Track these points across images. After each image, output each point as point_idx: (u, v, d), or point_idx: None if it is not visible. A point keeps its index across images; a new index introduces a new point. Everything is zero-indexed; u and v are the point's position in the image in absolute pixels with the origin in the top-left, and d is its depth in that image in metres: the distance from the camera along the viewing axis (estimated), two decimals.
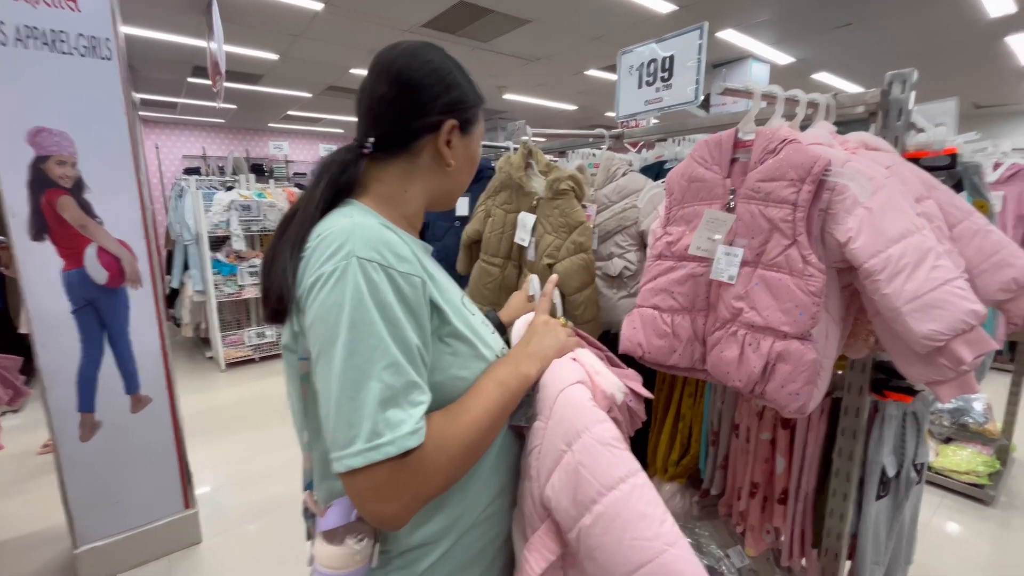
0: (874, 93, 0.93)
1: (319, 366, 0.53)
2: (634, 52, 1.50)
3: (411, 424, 0.51)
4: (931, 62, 5.13)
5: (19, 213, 1.61)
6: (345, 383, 0.50)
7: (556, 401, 0.62)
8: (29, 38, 1.56)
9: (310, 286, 0.54)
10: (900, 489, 1.19)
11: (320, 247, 0.55)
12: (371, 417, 0.50)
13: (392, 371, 0.51)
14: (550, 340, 0.70)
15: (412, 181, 0.67)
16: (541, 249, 1.35)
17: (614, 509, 0.54)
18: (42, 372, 1.70)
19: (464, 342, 0.62)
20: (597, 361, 0.69)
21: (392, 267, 0.54)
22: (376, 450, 0.49)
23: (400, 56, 0.65)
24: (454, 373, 0.61)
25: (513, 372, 0.64)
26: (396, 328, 0.53)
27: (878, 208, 0.71)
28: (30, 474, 2.59)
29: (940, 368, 0.71)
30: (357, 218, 0.58)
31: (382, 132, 0.65)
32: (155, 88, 6.26)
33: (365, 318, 0.51)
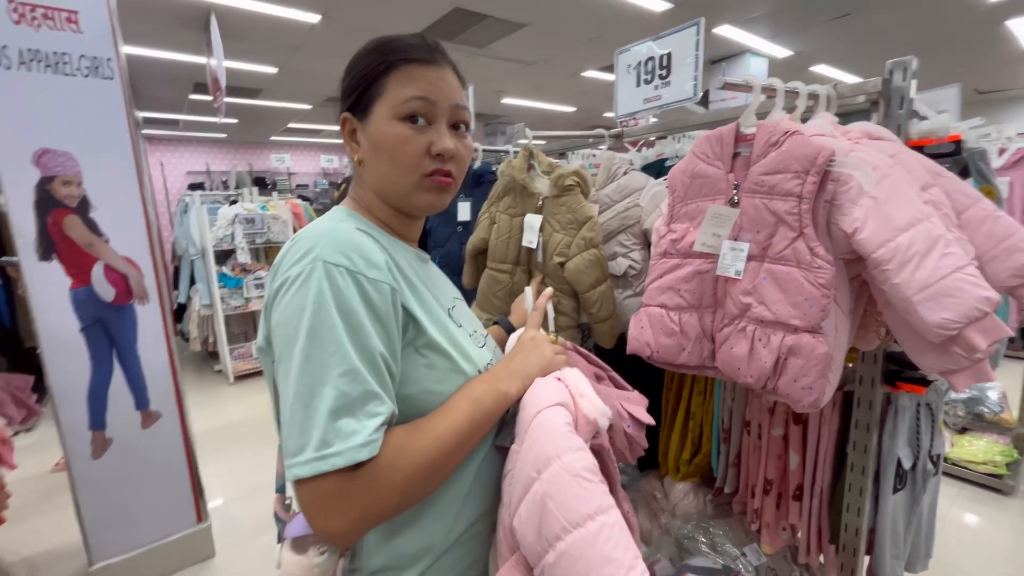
0: (875, 82, 0.92)
1: (279, 370, 0.52)
2: (631, 51, 1.50)
3: (363, 436, 0.48)
4: (931, 50, 5.11)
5: (26, 233, 1.63)
6: (300, 388, 0.49)
7: (531, 424, 0.58)
8: (32, 61, 1.58)
9: (276, 289, 0.53)
10: (917, 481, 1.18)
11: (291, 250, 0.54)
12: (322, 425, 0.48)
13: (349, 379, 0.49)
14: (535, 357, 0.66)
15: (363, 185, 0.65)
16: (551, 248, 1.34)
17: (577, 549, 0.49)
18: (53, 391, 1.71)
19: (441, 354, 0.59)
20: (584, 382, 0.64)
21: (360, 272, 0.52)
22: (323, 460, 0.47)
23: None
24: (428, 387, 0.58)
25: (490, 389, 0.60)
26: (359, 335, 0.50)
27: (884, 197, 0.70)
28: (45, 493, 2.61)
29: (954, 357, 0.70)
30: (333, 222, 0.57)
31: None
32: (158, 106, 6.34)
33: (325, 323, 0.49)
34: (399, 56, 0.59)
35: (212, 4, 3.51)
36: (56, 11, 1.59)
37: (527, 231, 1.38)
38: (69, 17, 1.61)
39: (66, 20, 1.61)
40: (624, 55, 1.52)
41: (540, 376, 0.65)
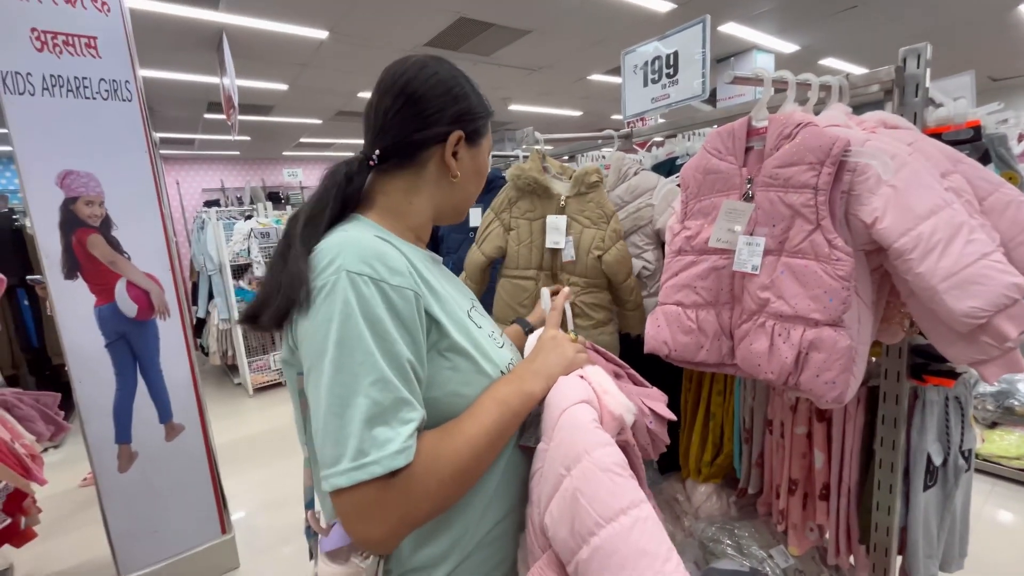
0: (888, 70, 0.91)
1: (309, 382, 0.52)
2: (637, 51, 1.50)
3: (399, 443, 0.49)
4: (942, 38, 5.02)
5: (52, 254, 1.67)
6: (332, 399, 0.49)
7: (558, 422, 0.58)
8: (55, 86, 1.63)
9: (302, 301, 0.53)
10: (949, 477, 1.14)
11: (312, 262, 0.55)
12: (357, 435, 0.48)
13: (380, 387, 0.50)
14: (556, 356, 0.67)
15: (418, 193, 0.67)
16: (585, 244, 1.35)
17: (611, 544, 0.49)
18: (80, 406, 1.75)
19: (465, 357, 0.60)
20: (607, 379, 0.65)
21: (384, 280, 0.53)
22: (361, 469, 0.48)
23: (407, 70, 0.65)
24: (453, 389, 0.59)
25: (515, 390, 0.61)
26: (386, 342, 0.51)
27: (903, 185, 0.69)
28: (73, 508, 2.66)
29: (983, 347, 0.68)
30: (352, 232, 0.57)
31: (387, 144, 0.65)
32: (173, 126, 6.50)
33: (353, 333, 0.50)
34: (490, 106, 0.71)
35: (224, 25, 3.60)
36: (76, 38, 1.65)
37: (551, 232, 1.37)
38: (88, 43, 1.67)
39: (85, 46, 1.66)
40: (630, 56, 1.52)
41: (563, 375, 0.65)
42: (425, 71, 0.65)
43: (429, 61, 0.66)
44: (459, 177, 0.67)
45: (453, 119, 0.65)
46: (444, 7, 3.71)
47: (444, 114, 0.64)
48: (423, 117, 0.64)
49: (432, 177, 0.67)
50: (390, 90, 0.64)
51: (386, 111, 0.64)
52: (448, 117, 0.65)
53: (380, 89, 0.65)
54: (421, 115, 0.64)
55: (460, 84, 0.66)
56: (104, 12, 1.69)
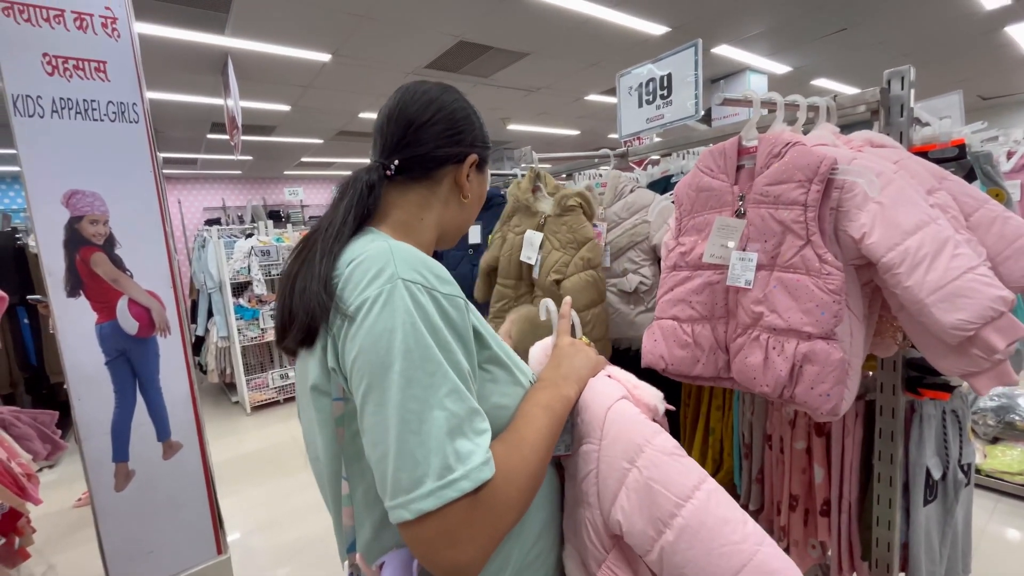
0: (873, 92, 0.94)
1: (369, 401, 0.47)
2: (632, 74, 1.55)
3: (482, 454, 0.47)
4: (931, 58, 5.14)
5: (55, 272, 1.69)
6: (406, 415, 0.45)
7: (606, 419, 0.59)
8: (64, 109, 1.67)
9: (352, 314, 0.50)
10: (949, 492, 1.14)
11: (357, 272, 0.52)
12: (440, 450, 0.45)
13: (455, 398, 0.47)
14: (580, 360, 0.67)
15: (429, 209, 0.67)
16: (548, 266, 1.36)
17: (696, 519, 0.51)
18: (78, 424, 1.74)
19: (502, 367, 0.60)
20: (631, 376, 0.67)
21: (436, 289, 0.51)
22: (450, 487, 0.44)
23: (431, 89, 0.66)
24: (496, 401, 0.57)
25: (555, 395, 0.61)
26: (449, 352, 0.49)
27: (890, 202, 0.71)
28: (68, 528, 2.62)
29: (973, 359, 0.69)
30: (391, 242, 0.55)
31: (410, 155, 0.64)
32: (176, 146, 6.59)
33: (420, 342, 0.47)
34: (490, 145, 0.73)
35: (229, 48, 3.69)
36: (86, 62, 1.70)
37: (526, 247, 1.41)
38: (98, 67, 1.71)
39: (95, 70, 1.71)
40: (625, 78, 1.57)
41: (591, 377, 0.67)
42: (449, 94, 0.67)
43: (449, 87, 0.68)
44: (469, 199, 0.69)
45: (472, 142, 0.67)
46: (444, 31, 3.80)
47: (465, 136, 0.66)
48: (448, 135, 0.65)
49: (443, 195, 0.67)
50: (416, 103, 0.64)
51: (409, 123, 0.64)
52: (468, 139, 0.67)
53: (402, 103, 0.65)
54: (447, 133, 0.65)
55: (476, 112, 0.69)
56: (114, 37, 1.74)
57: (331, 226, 0.59)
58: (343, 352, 0.50)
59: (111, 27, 1.73)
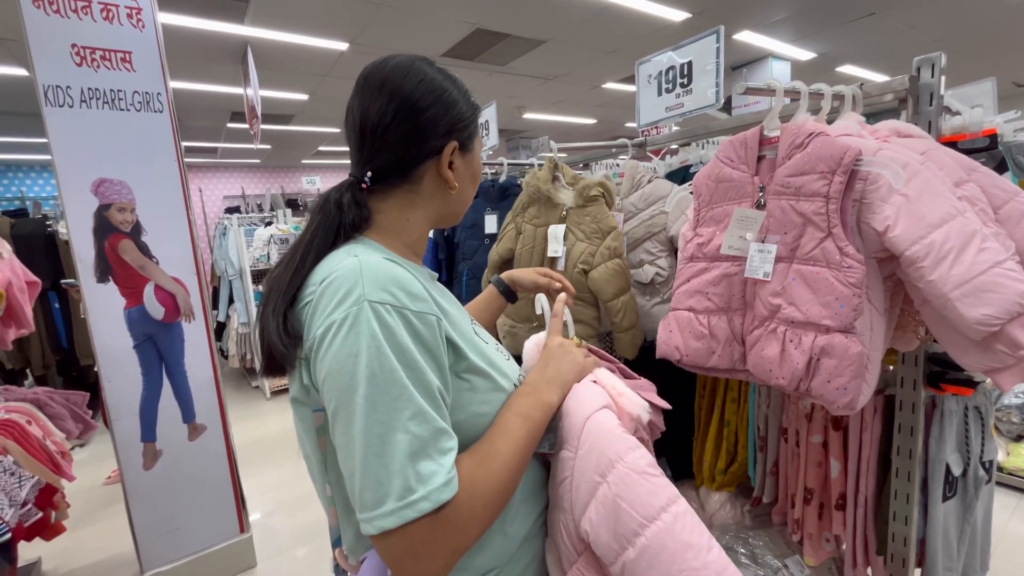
0: (902, 79, 0.92)
1: (338, 422, 0.49)
2: (652, 61, 1.52)
3: (443, 475, 0.48)
4: (963, 44, 4.94)
5: (86, 258, 1.75)
6: (369, 439, 0.47)
7: (584, 429, 0.59)
8: (92, 99, 1.72)
9: (320, 337, 0.50)
10: (968, 489, 1.12)
11: (327, 293, 0.51)
12: (401, 472, 0.46)
13: (418, 420, 0.48)
14: (567, 364, 0.66)
15: (414, 208, 0.64)
16: (574, 257, 1.36)
17: (658, 541, 0.51)
18: (108, 405, 1.81)
19: (481, 375, 0.59)
20: (618, 381, 0.67)
21: (406, 307, 0.51)
22: (410, 507, 0.46)
23: (392, 75, 0.60)
24: (474, 410, 0.57)
25: (535, 402, 0.61)
26: (417, 372, 0.49)
27: (915, 194, 0.70)
28: (99, 504, 2.74)
29: (998, 355, 0.68)
30: (363, 256, 0.54)
31: (380, 164, 0.61)
32: (197, 135, 6.69)
33: (385, 366, 0.48)
34: (475, 102, 0.67)
35: (248, 38, 3.72)
36: (113, 53, 1.73)
37: (551, 241, 1.40)
38: (124, 57, 1.75)
39: (121, 60, 1.75)
40: (645, 65, 1.54)
41: (576, 382, 0.66)
42: (412, 77, 0.60)
43: (412, 64, 0.61)
44: (457, 188, 0.65)
45: (446, 130, 0.61)
46: (461, 18, 3.78)
47: (437, 126, 0.61)
48: (418, 131, 0.60)
49: (428, 192, 0.64)
50: (376, 99, 0.60)
51: (375, 127, 0.60)
52: (442, 128, 0.61)
53: (366, 97, 0.61)
54: (415, 129, 0.60)
55: (447, 88, 0.62)
56: (139, 28, 1.77)
57: (291, 259, 0.58)
58: (315, 371, 0.52)
59: (136, 18, 1.76)
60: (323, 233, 0.59)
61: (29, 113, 4.95)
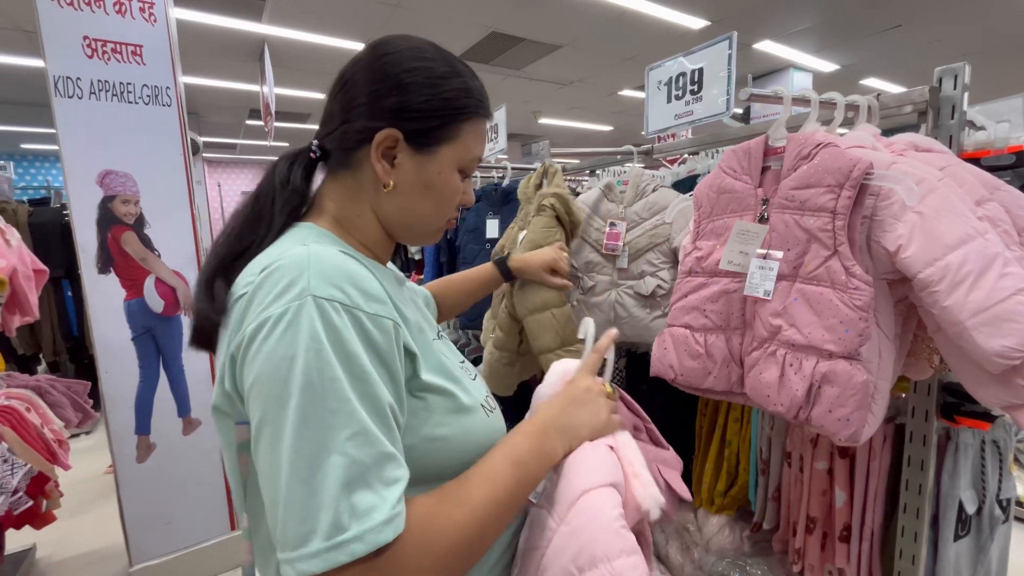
0: (922, 91, 0.86)
1: (262, 439, 0.41)
2: (662, 67, 1.48)
3: (385, 510, 0.39)
4: (993, 59, 4.80)
5: (88, 249, 1.75)
6: (297, 460, 0.39)
7: (576, 504, 0.49)
8: (101, 91, 1.73)
9: (251, 334, 0.42)
10: (983, 528, 1.05)
11: (267, 283, 0.44)
12: (331, 505, 0.38)
13: (359, 442, 0.40)
14: (586, 415, 0.56)
15: (360, 203, 0.56)
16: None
17: None
18: (105, 396, 1.81)
19: (439, 394, 0.50)
20: (639, 456, 0.55)
21: (358, 308, 0.43)
22: (338, 549, 0.37)
23: (374, 47, 0.54)
24: (428, 433, 0.49)
25: (534, 449, 0.51)
26: (364, 384, 0.42)
27: (931, 212, 0.64)
28: (96, 494, 2.76)
29: (1018, 390, 0.62)
30: (313, 245, 0.46)
31: (323, 133, 0.54)
32: (217, 131, 6.81)
33: (325, 374, 0.40)
34: (479, 107, 0.56)
35: (266, 36, 3.76)
36: (124, 45, 1.74)
37: (518, 245, 1.37)
38: (134, 51, 1.76)
39: (131, 53, 1.76)
40: (655, 71, 1.50)
41: (590, 439, 0.55)
42: (382, 48, 0.53)
43: (400, 38, 0.55)
44: (393, 187, 0.54)
45: (393, 112, 0.52)
46: (476, 21, 3.77)
47: (381, 103, 0.52)
48: (357, 106, 0.52)
49: (370, 186, 0.55)
50: (358, 59, 0.54)
51: (333, 88, 0.54)
52: (385, 109, 0.52)
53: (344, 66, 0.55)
54: (356, 103, 0.52)
55: (432, 78, 0.52)
56: (151, 22, 1.78)
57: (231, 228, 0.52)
58: (240, 375, 0.44)
59: (148, 12, 1.77)
60: (271, 203, 0.53)
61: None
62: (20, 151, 7.64)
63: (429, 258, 2.12)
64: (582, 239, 1.49)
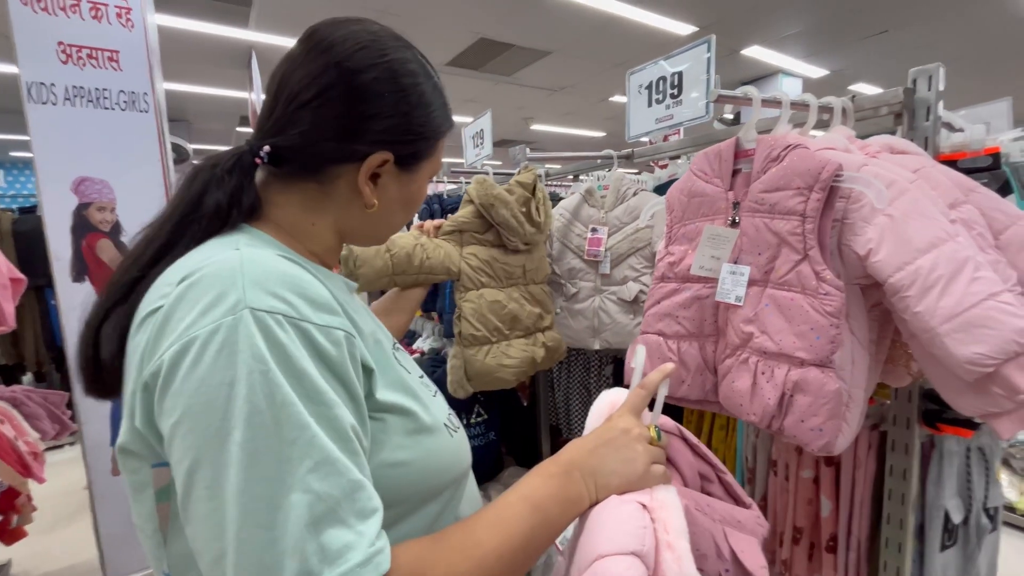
0: (896, 92, 0.85)
1: (197, 484, 0.34)
2: (643, 71, 1.47)
3: (363, 549, 0.34)
4: (980, 63, 4.84)
5: (62, 256, 1.72)
6: (250, 505, 0.33)
7: (591, 568, 0.42)
8: (77, 97, 1.70)
9: (173, 359, 0.35)
10: (970, 537, 1.03)
11: (189, 295, 0.37)
12: (297, 549, 0.32)
13: (323, 472, 0.35)
14: (618, 462, 0.48)
15: (322, 213, 0.50)
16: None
17: None
18: (78, 407, 1.78)
19: (398, 413, 0.45)
20: (679, 521, 0.44)
21: (306, 319, 0.38)
22: None
23: (346, 38, 0.47)
24: (385, 458, 0.42)
25: (557, 495, 0.45)
26: (321, 407, 0.36)
27: (901, 215, 0.63)
28: (74, 509, 2.70)
29: (994, 398, 0.60)
30: (247, 250, 0.40)
31: (286, 143, 0.47)
32: (209, 139, 6.79)
33: (275, 399, 0.34)
34: (451, 120, 0.54)
35: (253, 42, 3.75)
36: (100, 51, 1.72)
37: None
38: (111, 56, 1.74)
39: (108, 59, 1.73)
40: (636, 75, 1.49)
41: (620, 491, 0.47)
42: (369, 51, 0.46)
43: (379, 38, 0.48)
44: (376, 207, 0.50)
45: (385, 137, 0.47)
46: (464, 27, 3.78)
47: (373, 126, 0.47)
48: (342, 122, 0.46)
49: (342, 200, 0.50)
50: (310, 61, 0.46)
51: (292, 95, 0.46)
52: (378, 132, 0.47)
53: (298, 55, 0.47)
54: (341, 119, 0.46)
55: (417, 85, 0.48)
56: (128, 28, 1.76)
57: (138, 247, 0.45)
58: (158, 412, 0.37)
59: (125, 17, 1.75)
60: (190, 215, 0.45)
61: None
62: (9, 159, 7.59)
63: None
64: (564, 245, 1.47)
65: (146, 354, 0.38)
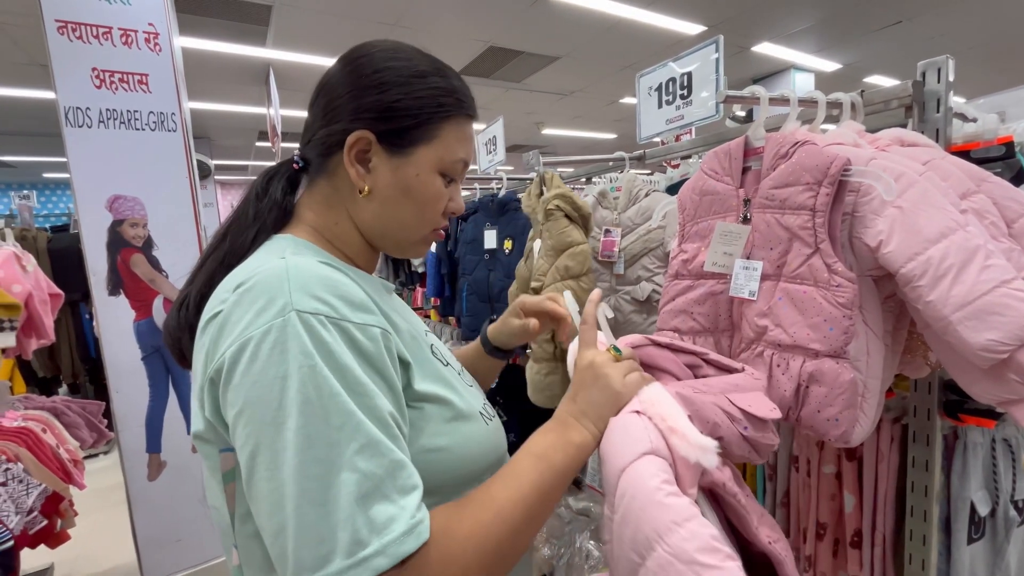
0: (905, 86, 0.86)
1: (259, 466, 0.39)
2: (652, 73, 1.49)
3: (405, 520, 0.38)
4: (999, 52, 4.73)
5: (99, 271, 1.81)
6: (305, 483, 0.37)
7: (618, 488, 0.45)
8: (110, 119, 1.79)
9: (233, 358, 0.40)
10: (998, 530, 1.02)
11: (244, 301, 0.42)
12: (349, 522, 0.37)
13: (368, 454, 0.39)
14: (598, 392, 0.52)
15: (337, 210, 0.54)
16: (534, 274, 1.32)
17: None
18: (116, 415, 1.85)
19: (436, 402, 0.49)
20: (672, 407, 0.48)
21: (345, 319, 0.42)
22: (362, 565, 0.36)
23: (360, 47, 0.54)
24: (424, 444, 0.47)
25: (557, 441, 0.49)
26: (363, 396, 0.41)
27: (911, 206, 0.64)
28: (113, 512, 2.80)
29: (1011, 385, 0.61)
30: (291, 258, 0.45)
31: (303, 142, 0.54)
32: (229, 154, 6.99)
33: (323, 390, 0.39)
34: (461, 107, 0.54)
35: (270, 60, 3.87)
36: (131, 75, 1.81)
37: (536, 255, 1.37)
38: (141, 79, 1.83)
39: (138, 82, 1.82)
40: (645, 78, 1.51)
41: (614, 414, 0.51)
42: (357, 51, 0.53)
43: (376, 44, 0.54)
44: (369, 192, 0.52)
45: (360, 115, 0.50)
46: (474, 37, 3.84)
47: (347, 104, 0.51)
48: (327, 112, 0.52)
49: (346, 191, 0.54)
50: (336, 65, 0.54)
51: (312, 98, 0.54)
52: (352, 111, 0.51)
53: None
54: (326, 109, 0.52)
55: (410, 77, 0.51)
56: (156, 52, 1.85)
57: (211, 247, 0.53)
58: (223, 403, 0.42)
59: (153, 42, 1.84)
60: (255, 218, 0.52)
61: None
62: (43, 180, 7.92)
63: (431, 271, 2.14)
64: None
65: (210, 353, 0.43)
